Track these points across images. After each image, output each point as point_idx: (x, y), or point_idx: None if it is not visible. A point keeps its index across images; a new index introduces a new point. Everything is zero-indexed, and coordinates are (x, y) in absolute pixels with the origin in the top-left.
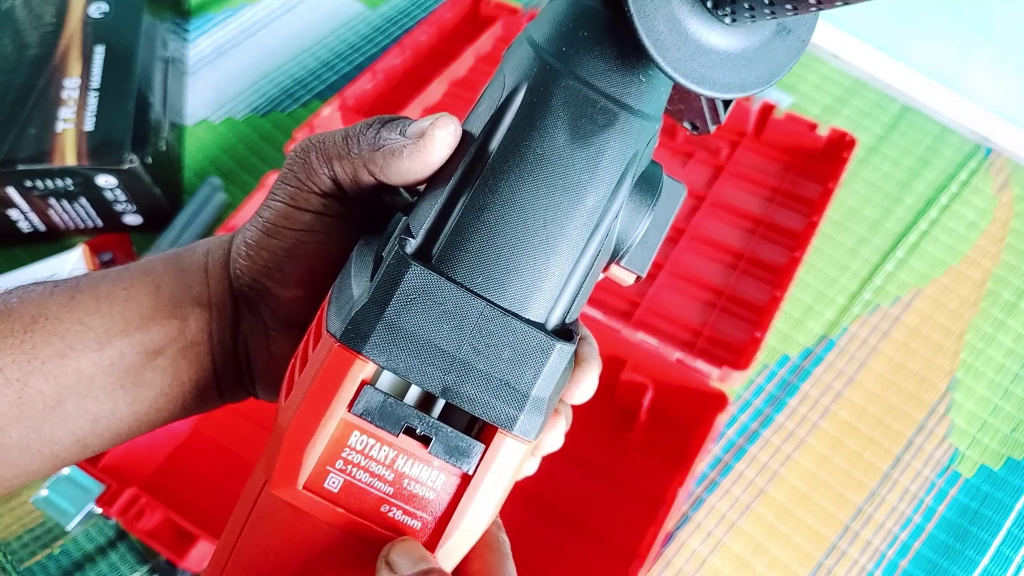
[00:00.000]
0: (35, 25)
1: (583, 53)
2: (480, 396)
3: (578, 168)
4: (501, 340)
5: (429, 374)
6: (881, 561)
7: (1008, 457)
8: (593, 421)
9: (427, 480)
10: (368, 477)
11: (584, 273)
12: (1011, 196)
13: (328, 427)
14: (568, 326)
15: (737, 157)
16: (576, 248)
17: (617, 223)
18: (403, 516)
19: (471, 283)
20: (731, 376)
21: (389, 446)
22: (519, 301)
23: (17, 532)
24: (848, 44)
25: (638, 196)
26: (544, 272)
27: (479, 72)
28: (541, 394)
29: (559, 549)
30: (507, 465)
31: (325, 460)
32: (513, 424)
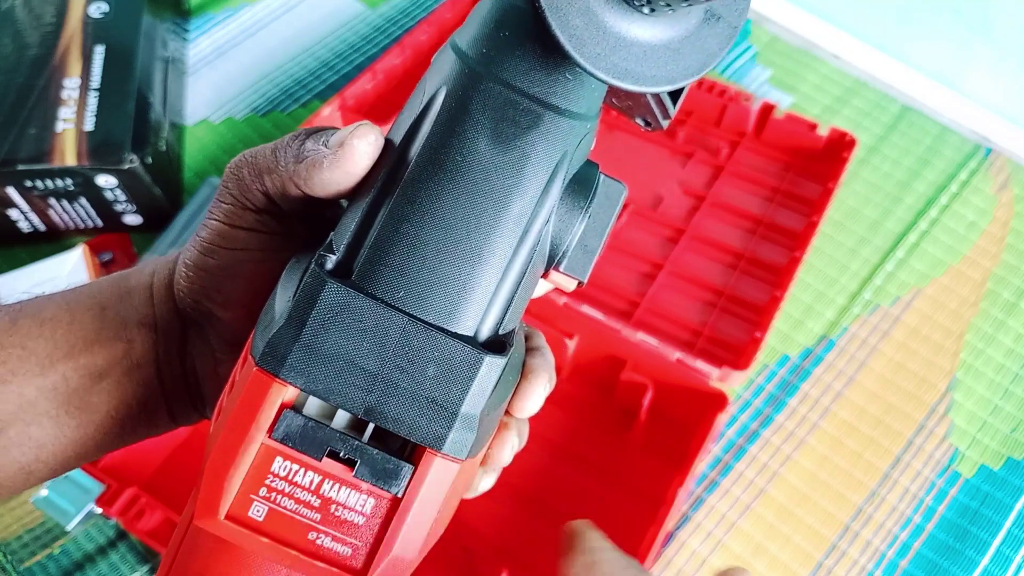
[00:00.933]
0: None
1: (505, 54)
2: (406, 415)
3: (501, 173)
4: (426, 356)
5: (351, 395)
6: (881, 561)
7: (1008, 457)
8: (593, 421)
9: (355, 505)
10: (293, 504)
11: (515, 281)
12: (1011, 196)
13: (248, 454)
14: (502, 337)
15: (737, 157)
16: (504, 256)
17: (549, 228)
18: (332, 543)
19: (392, 298)
20: (731, 376)
21: (313, 471)
22: (444, 314)
23: (17, 532)
24: (848, 44)
25: (571, 199)
26: (470, 283)
27: None
28: (471, 411)
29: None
30: (439, 486)
31: (248, 488)
32: (441, 443)
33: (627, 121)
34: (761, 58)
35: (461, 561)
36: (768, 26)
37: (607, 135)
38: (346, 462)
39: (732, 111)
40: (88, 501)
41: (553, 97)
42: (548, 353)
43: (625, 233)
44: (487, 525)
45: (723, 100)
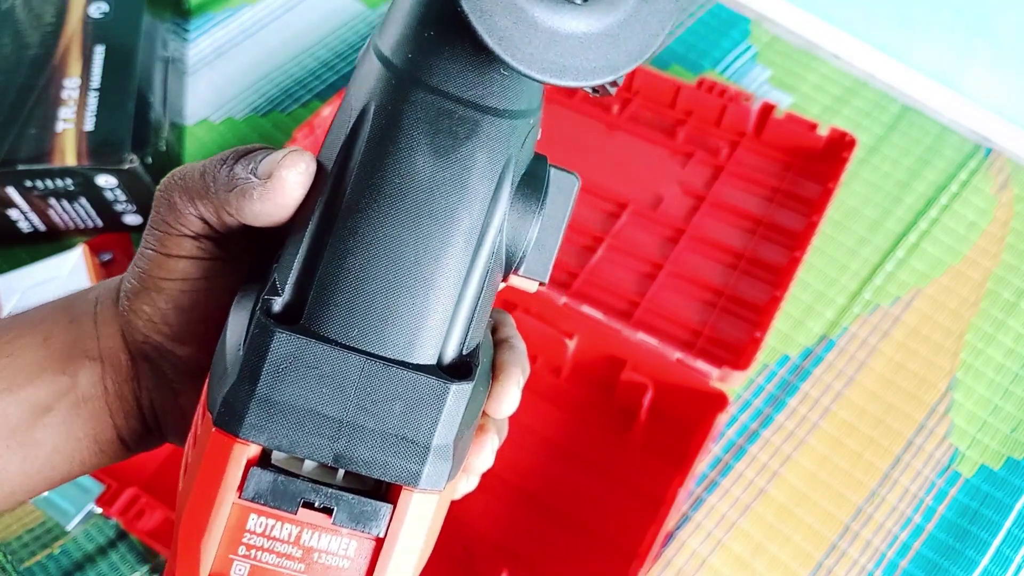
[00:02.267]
0: (35, 25)
1: (431, 57)
2: (377, 457)
3: (444, 191)
4: (389, 393)
5: (317, 444)
6: (881, 561)
7: (1008, 457)
8: (593, 421)
9: (338, 550)
10: (275, 558)
11: (475, 299)
12: (1011, 196)
13: (220, 517)
14: (467, 357)
15: (737, 157)
16: (458, 276)
17: (503, 236)
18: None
19: (346, 338)
20: (731, 376)
21: (291, 523)
22: (403, 347)
23: (17, 532)
24: (848, 44)
25: (522, 201)
26: (426, 311)
27: None
28: (444, 441)
29: (559, 548)
30: (420, 520)
31: (226, 549)
32: (417, 480)
33: (627, 121)
34: (761, 58)
35: (461, 560)
36: (768, 26)
37: (607, 135)
38: (323, 510)
39: (732, 111)
40: (88, 501)
41: (490, 99)
42: (518, 342)
43: (625, 233)
44: (487, 524)
45: (723, 100)
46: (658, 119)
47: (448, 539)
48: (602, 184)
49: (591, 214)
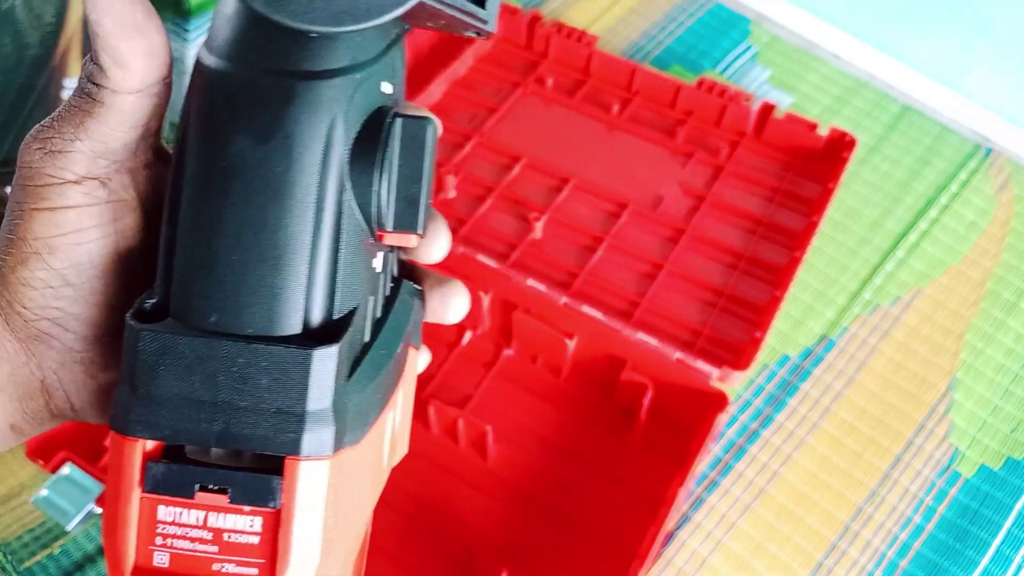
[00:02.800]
0: (35, 25)
1: (232, 33)
2: (255, 432)
3: (269, 165)
4: (255, 371)
5: (198, 430)
6: (881, 561)
7: (1008, 457)
8: (593, 420)
9: (245, 527)
10: (189, 544)
11: (330, 262)
12: (1011, 196)
13: (130, 512)
14: (338, 322)
15: (737, 157)
16: (304, 245)
17: (350, 195)
18: (237, 568)
19: (206, 324)
20: (731, 376)
21: (195, 508)
22: (263, 323)
23: (17, 532)
24: (848, 44)
25: (363, 158)
26: (276, 284)
27: (479, 72)
28: (320, 406)
29: (558, 548)
30: (313, 487)
31: (144, 541)
32: (297, 448)
33: (627, 121)
34: (761, 58)
35: (462, 560)
36: (768, 26)
37: (607, 135)
38: (219, 491)
39: (732, 111)
40: (88, 501)
41: (300, 63)
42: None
43: (625, 233)
44: (487, 524)
45: (723, 100)
46: (658, 119)
47: (448, 539)
48: (602, 184)
49: (591, 214)
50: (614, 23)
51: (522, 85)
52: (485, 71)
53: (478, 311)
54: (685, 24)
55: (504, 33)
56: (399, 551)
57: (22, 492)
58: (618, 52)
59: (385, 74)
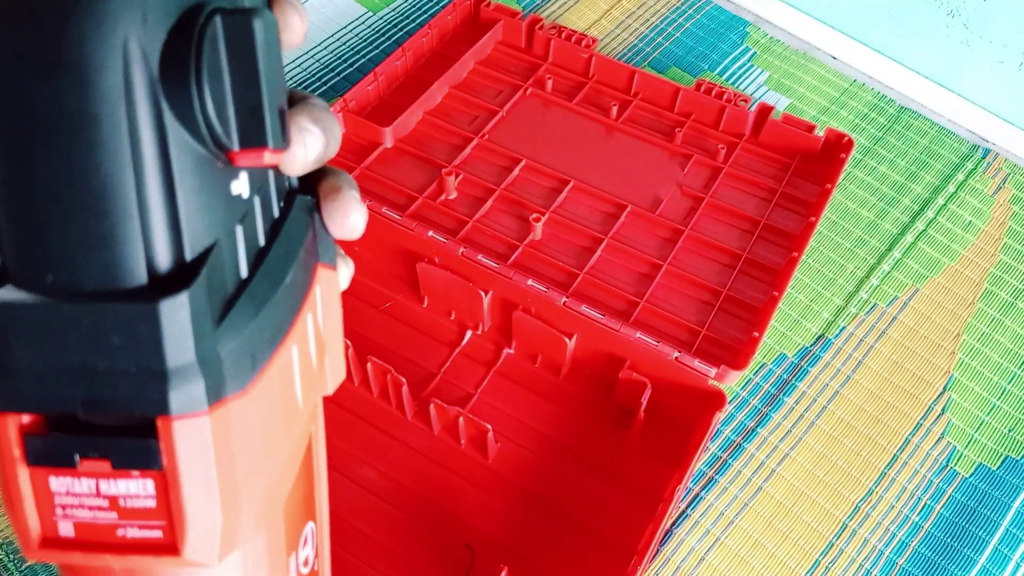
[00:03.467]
0: None
1: None
2: (120, 394)
3: (62, 101)
4: (103, 331)
5: (60, 397)
6: (879, 559)
7: (1006, 456)
8: (592, 419)
9: (139, 491)
10: (89, 512)
11: (164, 199)
12: (1008, 196)
13: (21, 486)
14: (193, 262)
15: (735, 158)
16: (126, 183)
17: (170, 117)
18: (140, 531)
19: (45, 285)
20: (729, 375)
21: (83, 476)
22: (101, 278)
23: None
24: (845, 45)
25: (175, 71)
26: (104, 232)
27: (479, 75)
28: (182, 360)
29: (558, 546)
30: (194, 444)
31: (45, 512)
32: (166, 407)
33: (626, 123)
34: (759, 60)
35: (462, 558)
36: (766, 28)
37: (606, 137)
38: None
39: (730, 113)
40: None
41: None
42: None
43: (624, 234)
44: (488, 522)
45: (721, 102)
46: (657, 121)
47: (449, 536)
48: (601, 185)
49: (591, 215)
50: (613, 26)
51: (522, 87)
52: (485, 74)
53: (479, 311)
54: (683, 27)
55: (504, 36)
56: (400, 548)
57: None
58: (617, 55)
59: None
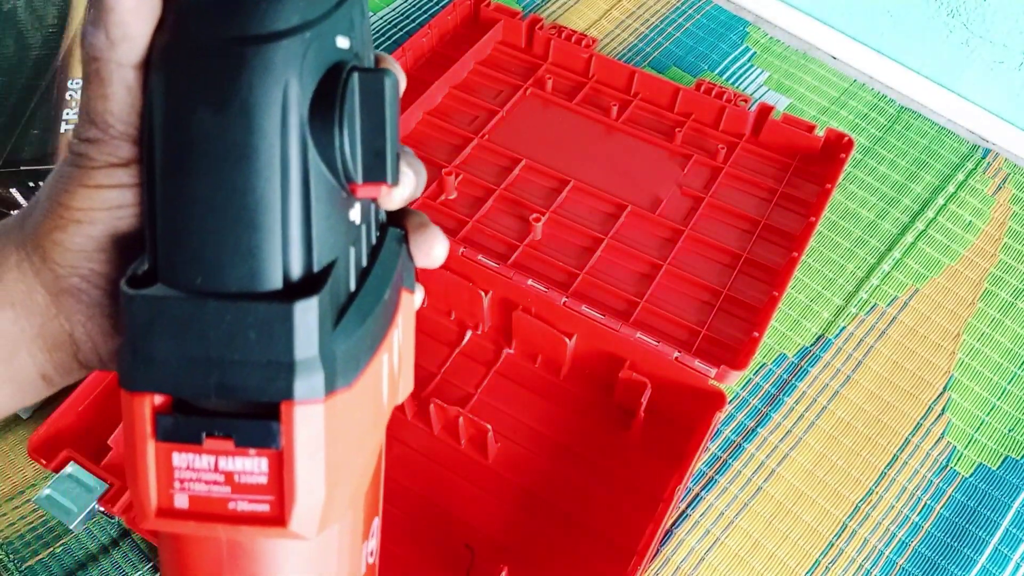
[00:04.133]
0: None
1: (184, 10)
2: (250, 382)
3: (231, 132)
4: (242, 326)
5: (196, 383)
6: (879, 559)
7: (1007, 456)
8: (592, 419)
9: (253, 468)
10: (205, 486)
11: (302, 219)
12: (1008, 196)
13: (147, 460)
14: (318, 275)
15: (735, 158)
16: (274, 204)
17: (313, 153)
18: (250, 506)
19: (193, 285)
20: (729, 375)
21: (205, 453)
22: (244, 281)
23: (20, 530)
24: (845, 45)
25: (321, 115)
26: (252, 243)
27: (479, 75)
28: (307, 354)
29: (558, 545)
30: (311, 429)
31: (164, 486)
32: (291, 393)
33: (626, 123)
34: (759, 60)
35: (462, 558)
36: (766, 28)
37: (606, 137)
38: (225, 437)
39: (730, 113)
40: (91, 500)
41: (248, 28)
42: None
43: (624, 234)
44: (488, 521)
45: (721, 102)
46: (657, 121)
47: (449, 536)
48: (601, 185)
49: (590, 215)
50: (613, 26)
51: (522, 87)
52: (485, 74)
53: (479, 311)
54: (683, 27)
55: (504, 36)
56: (400, 548)
57: (24, 490)
58: (617, 55)
59: (341, 28)
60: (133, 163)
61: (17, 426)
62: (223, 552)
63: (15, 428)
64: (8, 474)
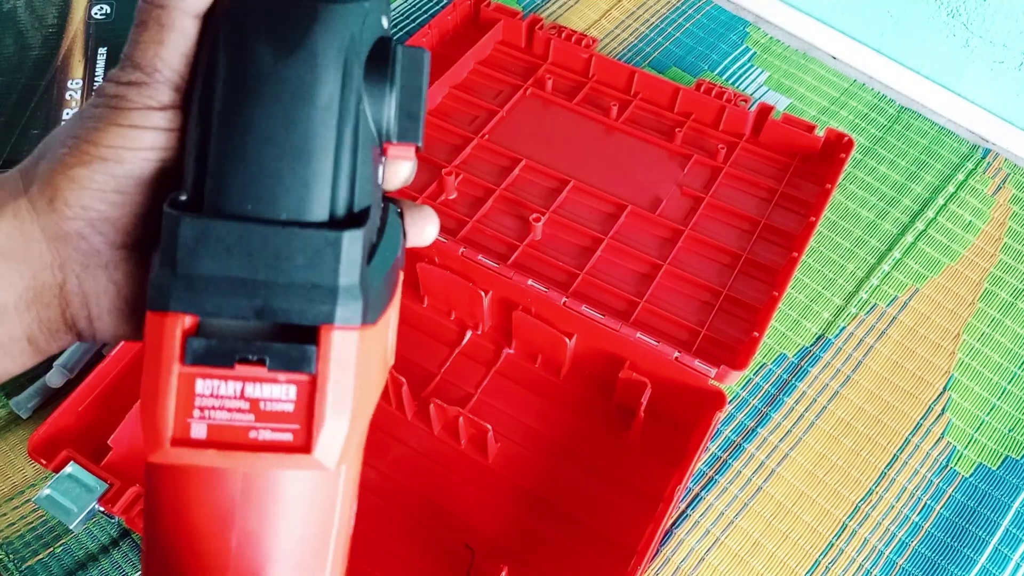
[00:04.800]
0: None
1: None
2: (293, 306)
3: (297, 73)
4: (291, 251)
5: (238, 305)
6: (879, 559)
7: (1007, 456)
8: (592, 419)
9: (280, 395)
10: (227, 414)
11: (350, 162)
12: (1008, 196)
13: (169, 386)
14: (358, 214)
15: (735, 158)
16: (329, 143)
17: (365, 107)
18: (272, 434)
19: (244, 211)
20: (729, 375)
21: (233, 379)
22: (294, 209)
23: (19, 530)
24: (845, 45)
25: (374, 76)
26: (305, 175)
27: (479, 75)
28: (349, 281)
29: (558, 546)
30: (346, 354)
31: (183, 414)
32: (332, 318)
33: (626, 123)
34: (759, 60)
35: (462, 558)
36: (766, 28)
37: (606, 137)
38: (258, 362)
39: (730, 113)
40: (91, 500)
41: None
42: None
43: (624, 234)
44: (488, 522)
45: (721, 102)
46: (657, 121)
47: (449, 536)
48: (601, 185)
49: (590, 215)
50: (613, 26)
51: (522, 87)
52: (485, 74)
53: (479, 311)
54: (683, 27)
55: (504, 36)
56: (400, 548)
57: (24, 490)
58: (617, 55)
59: (384, 10)
60: (170, 108)
61: (17, 426)
62: (235, 489)
63: (15, 428)
64: (8, 474)
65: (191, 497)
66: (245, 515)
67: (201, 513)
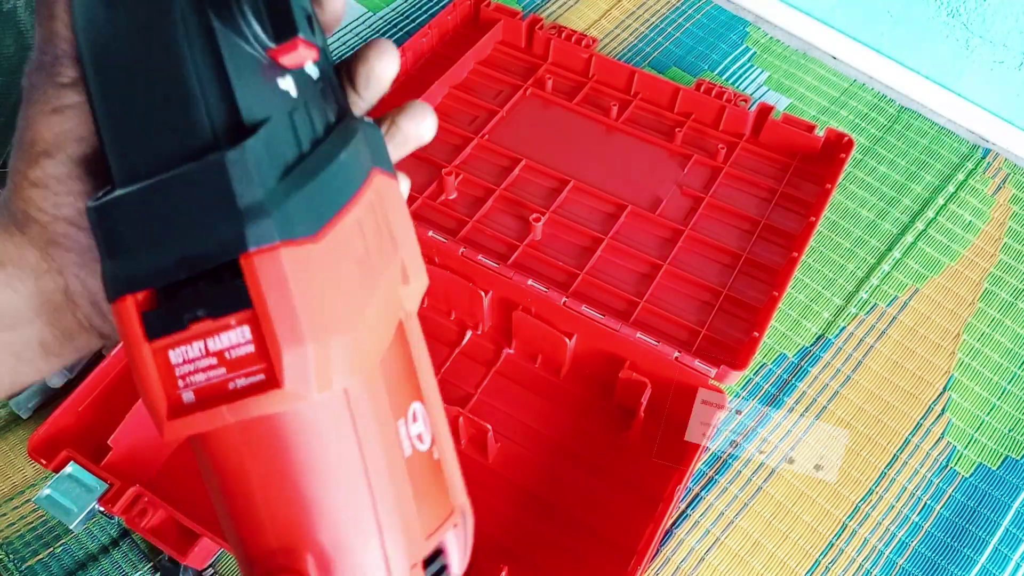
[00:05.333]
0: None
1: None
2: (208, 248)
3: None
4: (187, 192)
5: (163, 267)
6: (879, 559)
7: (1007, 456)
8: (592, 419)
9: (237, 339)
10: (204, 375)
11: (213, 68)
12: (1008, 196)
13: (148, 365)
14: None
15: (735, 159)
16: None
17: (215, 22)
18: (246, 379)
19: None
20: (729, 375)
21: (193, 339)
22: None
23: (20, 530)
24: (845, 45)
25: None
26: (164, 106)
27: (479, 75)
28: (252, 199)
29: (558, 546)
30: (276, 276)
31: (169, 388)
32: (244, 244)
33: (626, 123)
34: (759, 60)
35: None
36: (766, 28)
37: (606, 137)
38: (206, 316)
39: (730, 113)
40: (91, 500)
41: None
42: None
43: (624, 234)
44: (487, 522)
45: (721, 102)
46: (657, 121)
47: None
48: (601, 185)
49: (590, 215)
50: (613, 26)
51: (522, 87)
52: (485, 74)
53: (479, 311)
54: (683, 27)
55: (504, 36)
56: None
57: (24, 491)
58: (617, 55)
59: None
60: (80, 82)
61: (17, 426)
62: (239, 440)
63: (15, 428)
64: (8, 474)
65: (211, 459)
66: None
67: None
